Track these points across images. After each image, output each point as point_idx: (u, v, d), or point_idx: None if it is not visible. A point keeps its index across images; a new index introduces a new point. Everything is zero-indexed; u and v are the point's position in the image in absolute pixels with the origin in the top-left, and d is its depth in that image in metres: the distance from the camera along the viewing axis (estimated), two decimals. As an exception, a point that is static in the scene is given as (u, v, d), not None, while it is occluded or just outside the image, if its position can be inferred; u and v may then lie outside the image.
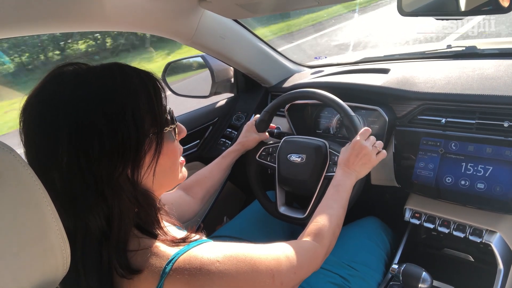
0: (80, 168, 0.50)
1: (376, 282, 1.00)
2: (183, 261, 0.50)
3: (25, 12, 0.76)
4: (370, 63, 1.48)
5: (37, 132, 0.51)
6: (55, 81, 0.53)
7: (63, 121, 0.50)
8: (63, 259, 0.46)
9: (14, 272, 0.41)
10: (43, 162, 0.50)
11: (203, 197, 1.04)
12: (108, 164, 0.51)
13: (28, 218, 0.42)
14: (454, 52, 1.30)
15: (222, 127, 1.53)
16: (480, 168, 0.93)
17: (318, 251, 0.74)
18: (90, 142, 0.50)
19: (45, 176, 0.48)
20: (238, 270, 0.53)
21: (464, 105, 0.99)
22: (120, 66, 0.56)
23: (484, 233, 0.93)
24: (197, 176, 1.06)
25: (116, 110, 0.51)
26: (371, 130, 0.99)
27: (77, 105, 0.50)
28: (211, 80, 1.49)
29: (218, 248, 0.54)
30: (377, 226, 1.15)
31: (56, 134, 0.50)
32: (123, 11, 0.93)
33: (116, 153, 0.51)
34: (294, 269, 0.63)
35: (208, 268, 0.50)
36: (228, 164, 1.12)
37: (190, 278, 0.49)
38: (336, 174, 0.93)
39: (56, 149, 0.50)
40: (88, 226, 0.52)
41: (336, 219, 0.82)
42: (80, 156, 0.50)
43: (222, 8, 1.08)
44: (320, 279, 0.97)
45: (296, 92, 1.12)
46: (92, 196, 0.51)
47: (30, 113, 0.52)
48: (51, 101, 0.51)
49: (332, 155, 1.04)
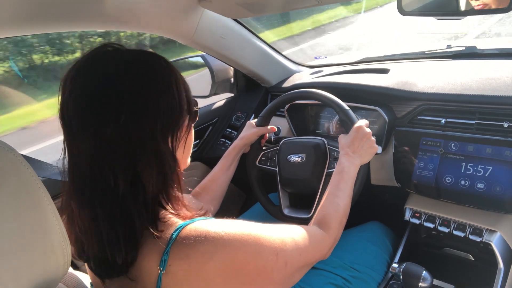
0: (139, 125, 0.53)
1: (377, 284, 1.00)
2: (190, 229, 0.52)
3: (25, 12, 0.76)
4: (370, 63, 1.48)
5: (100, 88, 0.52)
6: (103, 58, 0.56)
7: (124, 85, 0.53)
8: (64, 258, 0.46)
9: (15, 271, 0.41)
10: (97, 121, 0.52)
11: (211, 200, 1.05)
12: (162, 120, 0.56)
13: (28, 218, 0.43)
14: (454, 52, 1.30)
15: (222, 127, 1.53)
16: (480, 168, 0.93)
17: (325, 239, 0.74)
18: (146, 104, 0.54)
19: (97, 133, 0.51)
20: (242, 242, 0.54)
21: (464, 105, 0.99)
22: (155, 54, 0.61)
23: (484, 233, 0.93)
24: (203, 183, 1.08)
25: (166, 85, 0.57)
26: (371, 131, 0.99)
27: (135, 76, 0.54)
28: (211, 80, 1.49)
29: (225, 222, 0.56)
30: (380, 230, 1.15)
31: (118, 93, 0.52)
32: (123, 10, 0.93)
33: (166, 116, 0.56)
34: (299, 251, 0.64)
35: (213, 236, 0.52)
36: (230, 162, 1.12)
37: (195, 243, 0.51)
38: (340, 160, 0.92)
39: (117, 106, 0.52)
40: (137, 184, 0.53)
41: (342, 208, 0.81)
42: (138, 114, 0.53)
43: (222, 8, 1.08)
44: (321, 280, 0.97)
45: (292, 94, 1.12)
46: (146, 151, 0.54)
47: (86, 76, 0.54)
48: (106, 78, 0.53)
49: (332, 151, 1.05)
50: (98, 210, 0.52)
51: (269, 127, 1.18)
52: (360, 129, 0.94)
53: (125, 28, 1.04)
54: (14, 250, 0.41)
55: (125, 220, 0.52)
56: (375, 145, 0.95)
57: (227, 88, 1.59)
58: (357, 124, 0.96)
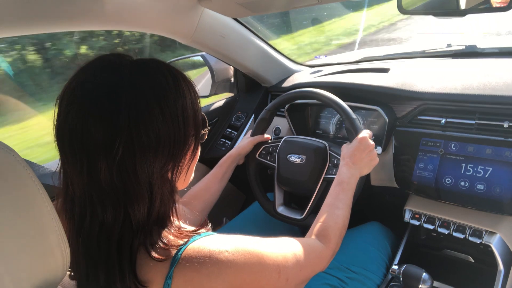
0: (133, 160, 0.50)
1: (374, 286, 1.00)
2: (192, 250, 0.51)
3: (25, 12, 0.76)
4: (370, 62, 1.48)
5: (93, 118, 0.48)
6: (109, 67, 0.52)
7: (125, 110, 0.49)
8: (63, 259, 0.46)
9: (14, 273, 0.41)
10: (93, 151, 0.49)
11: (202, 210, 1.03)
12: (161, 157, 0.52)
13: (27, 219, 0.42)
14: (454, 51, 1.30)
15: (222, 127, 1.53)
16: (480, 169, 0.92)
17: (324, 252, 0.73)
18: (147, 134, 0.50)
19: (91, 166, 0.49)
20: (245, 262, 0.53)
21: (464, 105, 0.99)
22: (165, 64, 0.57)
23: (484, 234, 0.93)
24: (194, 190, 1.05)
25: (171, 107, 0.52)
26: (371, 131, 0.99)
27: (137, 95, 0.50)
28: (211, 79, 1.49)
29: (227, 239, 0.55)
30: (379, 231, 1.14)
31: (116, 123, 0.48)
32: (123, 10, 0.92)
33: (168, 148, 0.53)
34: (300, 267, 0.63)
35: (216, 256, 0.51)
36: (224, 172, 1.10)
37: (199, 266, 0.49)
38: (341, 170, 0.91)
39: (113, 137, 0.48)
40: (126, 220, 0.51)
41: (342, 220, 0.81)
42: (136, 148, 0.50)
43: (222, 7, 1.08)
44: (317, 281, 0.97)
45: (298, 92, 1.11)
46: (140, 188, 0.51)
47: (84, 97, 0.50)
48: (110, 88, 0.50)
49: (332, 157, 1.04)
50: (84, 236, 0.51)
51: (265, 136, 1.18)
52: (364, 140, 0.94)
53: (125, 28, 1.03)
54: (13, 251, 0.41)
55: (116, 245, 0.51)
56: (377, 158, 0.95)
57: (227, 88, 1.59)
58: (361, 135, 0.95)
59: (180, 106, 0.54)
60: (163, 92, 0.53)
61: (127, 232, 0.51)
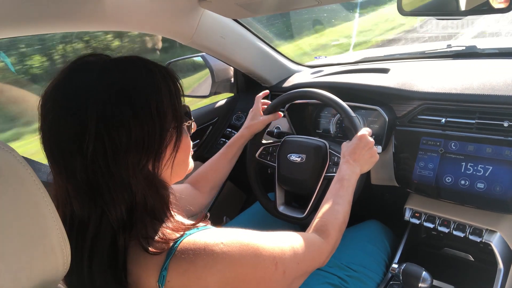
0: (105, 158, 0.51)
1: (375, 284, 1.00)
2: (188, 242, 0.51)
3: (25, 12, 0.76)
4: (370, 62, 1.48)
5: (64, 116, 0.51)
6: (81, 68, 0.54)
7: (92, 107, 0.50)
8: (64, 258, 0.46)
9: (14, 272, 0.41)
10: (66, 150, 0.51)
11: (210, 190, 1.04)
12: (134, 154, 0.53)
13: (28, 218, 0.43)
14: (454, 52, 1.30)
15: (222, 127, 1.53)
16: (480, 168, 0.93)
17: (324, 247, 0.73)
18: (117, 131, 0.51)
19: (66, 165, 0.50)
20: (241, 253, 0.54)
21: (464, 104, 0.99)
22: (142, 60, 0.57)
23: (484, 233, 0.93)
24: (203, 169, 1.05)
25: (142, 103, 0.53)
26: (371, 130, 0.99)
27: (106, 93, 0.51)
28: (211, 79, 1.49)
29: (223, 233, 0.55)
30: (379, 229, 1.15)
31: (84, 120, 0.50)
32: (123, 11, 0.93)
33: (141, 145, 0.53)
34: (297, 260, 0.63)
35: (212, 248, 0.51)
36: (234, 153, 1.09)
37: (194, 258, 0.50)
38: (341, 168, 0.91)
39: (82, 136, 0.50)
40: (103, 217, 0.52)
41: (342, 216, 0.81)
42: (107, 146, 0.50)
43: (222, 8, 1.08)
44: (317, 280, 0.97)
45: (297, 92, 1.12)
46: (116, 186, 0.52)
47: (56, 97, 0.52)
48: (79, 88, 0.52)
49: (332, 155, 1.04)
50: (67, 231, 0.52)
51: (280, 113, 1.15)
52: (363, 137, 0.94)
53: (125, 28, 1.04)
54: (13, 250, 0.41)
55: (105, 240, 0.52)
56: (377, 154, 0.95)
57: (227, 88, 1.59)
58: (360, 132, 0.95)
59: (154, 101, 0.54)
60: (134, 88, 0.53)
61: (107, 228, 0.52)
